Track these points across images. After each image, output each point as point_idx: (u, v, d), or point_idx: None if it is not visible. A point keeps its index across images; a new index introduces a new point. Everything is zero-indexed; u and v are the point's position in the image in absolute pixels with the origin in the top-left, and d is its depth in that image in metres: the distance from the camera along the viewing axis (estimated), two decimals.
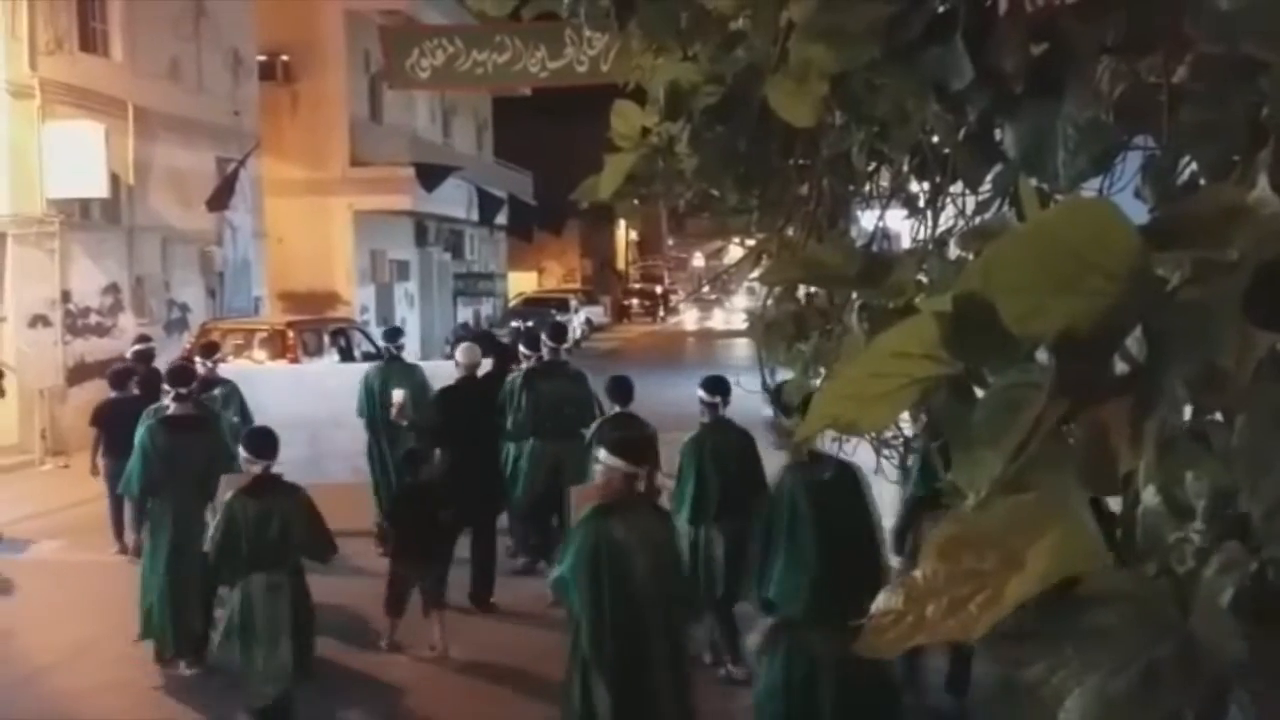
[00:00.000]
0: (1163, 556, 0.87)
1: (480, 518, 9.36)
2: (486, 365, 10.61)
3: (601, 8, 1.94)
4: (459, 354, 10.63)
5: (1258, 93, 1.24)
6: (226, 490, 6.74)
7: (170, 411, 8.17)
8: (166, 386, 8.39)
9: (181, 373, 8.46)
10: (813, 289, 2.68)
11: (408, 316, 30.36)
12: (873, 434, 2.52)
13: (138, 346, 12.72)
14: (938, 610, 0.84)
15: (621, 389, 8.98)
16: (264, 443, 6.73)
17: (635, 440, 5.79)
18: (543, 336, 10.63)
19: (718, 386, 7.79)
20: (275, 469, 6.68)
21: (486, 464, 9.60)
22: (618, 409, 8.91)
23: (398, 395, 10.90)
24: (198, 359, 11.30)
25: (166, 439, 7.90)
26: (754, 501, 6.10)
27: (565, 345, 10.43)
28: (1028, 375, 0.89)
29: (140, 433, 8.11)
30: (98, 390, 17.13)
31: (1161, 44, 1.44)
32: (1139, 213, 1.43)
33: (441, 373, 11.30)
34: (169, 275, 20.83)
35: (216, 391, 10.96)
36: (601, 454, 5.49)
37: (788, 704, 5.12)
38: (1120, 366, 0.89)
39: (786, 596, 5.11)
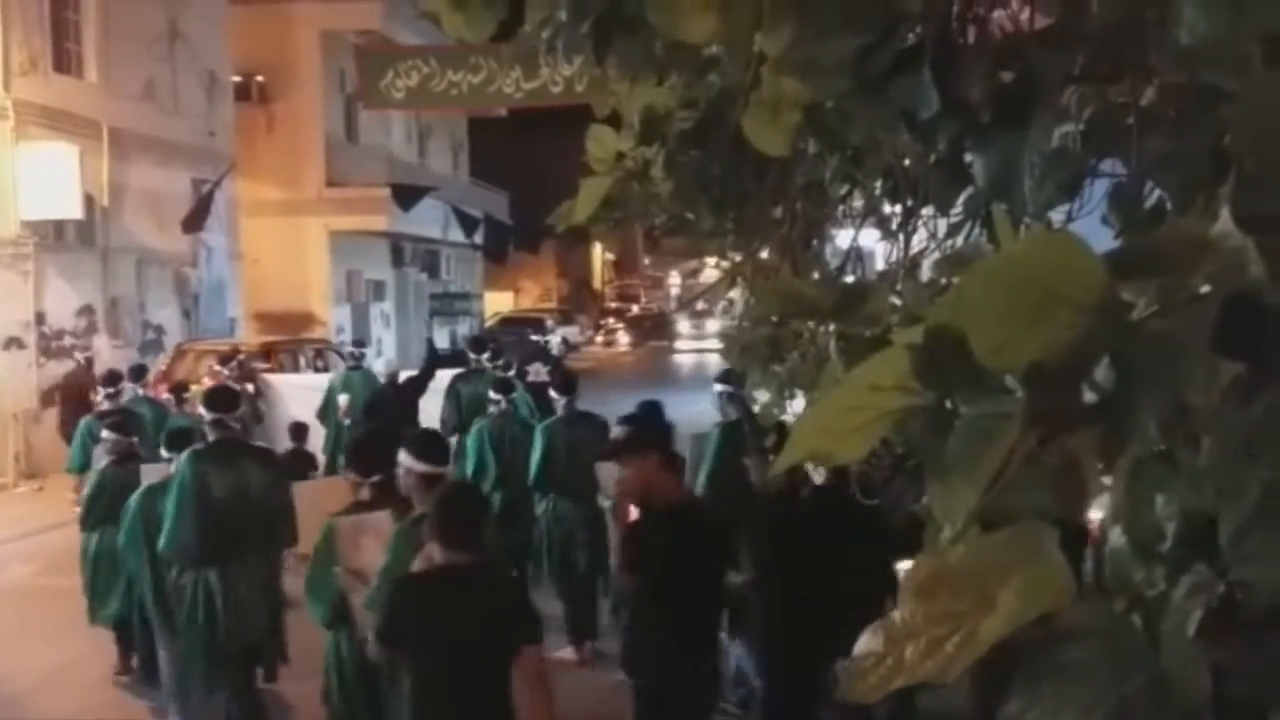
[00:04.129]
0: (1131, 594, 0.89)
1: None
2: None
3: (580, 36, 1.96)
4: (379, 365, 13.30)
5: (1220, 121, 1.27)
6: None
7: (101, 408, 10.47)
8: (100, 387, 11.06)
9: (111, 377, 11.21)
10: None
11: (384, 336, 30.30)
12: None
13: None
14: (916, 651, 0.85)
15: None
16: (126, 424, 8.38)
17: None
18: (466, 349, 13.45)
19: (503, 386, 10.13)
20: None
21: None
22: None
23: (343, 399, 12.79)
24: (219, 367, 14.04)
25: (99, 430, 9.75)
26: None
27: (485, 355, 12.35)
28: (1000, 406, 0.91)
29: (81, 425, 10.43)
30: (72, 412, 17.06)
31: (1127, 73, 1.47)
32: (1105, 238, 1.46)
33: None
34: (144, 297, 20.73)
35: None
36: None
37: (190, 636, 6.58)
38: (1090, 396, 0.91)
39: (173, 547, 6.52)
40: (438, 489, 4.70)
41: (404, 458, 5.08)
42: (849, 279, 2.83)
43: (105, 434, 8.20)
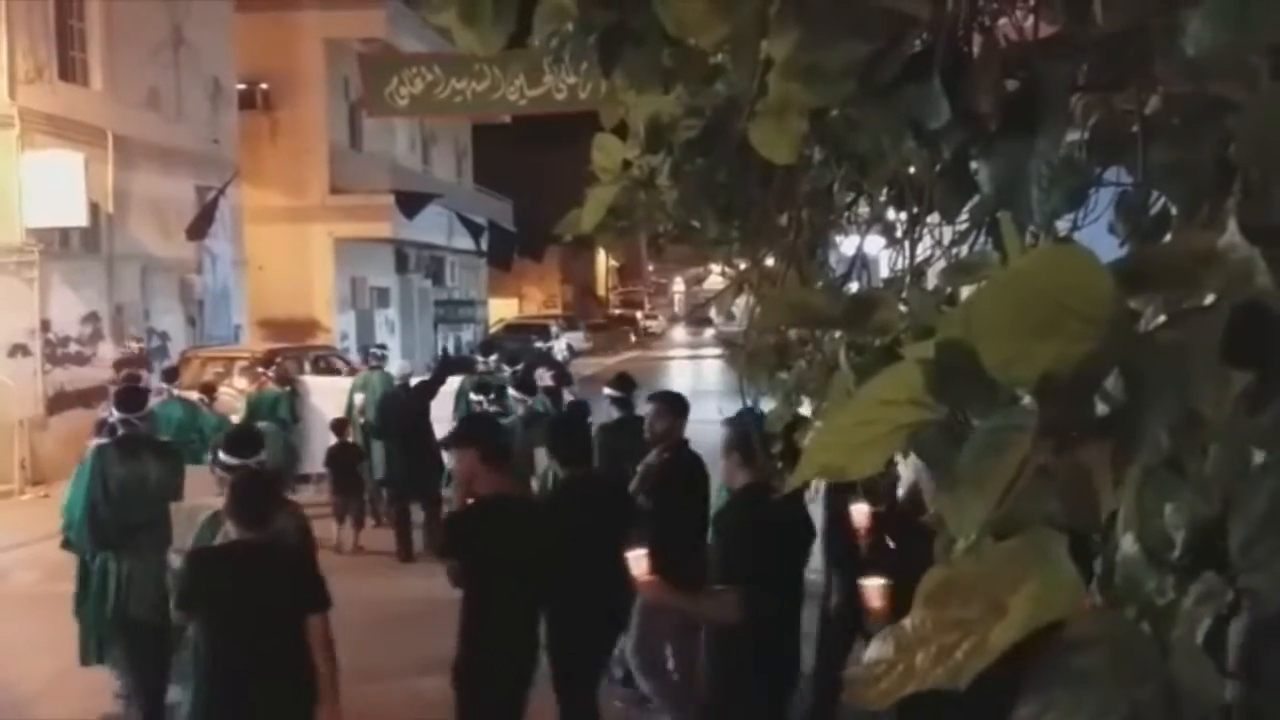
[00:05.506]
0: (1142, 603, 0.89)
1: (423, 490, 12.13)
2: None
3: (587, 48, 1.97)
4: (393, 369, 13.93)
5: (1226, 130, 1.27)
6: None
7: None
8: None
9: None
10: None
11: (388, 343, 30.31)
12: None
13: None
14: (926, 658, 0.86)
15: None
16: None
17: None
18: (477, 355, 15.00)
19: (482, 387, 11.63)
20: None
21: (418, 450, 12.03)
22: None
23: (358, 398, 13.77)
24: (262, 370, 15.57)
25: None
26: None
27: (493, 356, 13.99)
28: (1012, 419, 0.91)
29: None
30: (78, 419, 17.07)
31: (1132, 82, 1.48)
32: (1111, 246, 1.46)
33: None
34: (148, 304, 20.76)
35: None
36: None
37: (94, 607, 7.31)
38: (1101, 408, 0.91)
39: (79, 532, 7.38)
40: (233, 476, 5.42)
41: (219, 452, 6.03)
42: (853, 286, 2.84)
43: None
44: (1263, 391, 0.90)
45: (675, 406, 7.24)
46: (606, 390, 9.23)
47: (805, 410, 2.72)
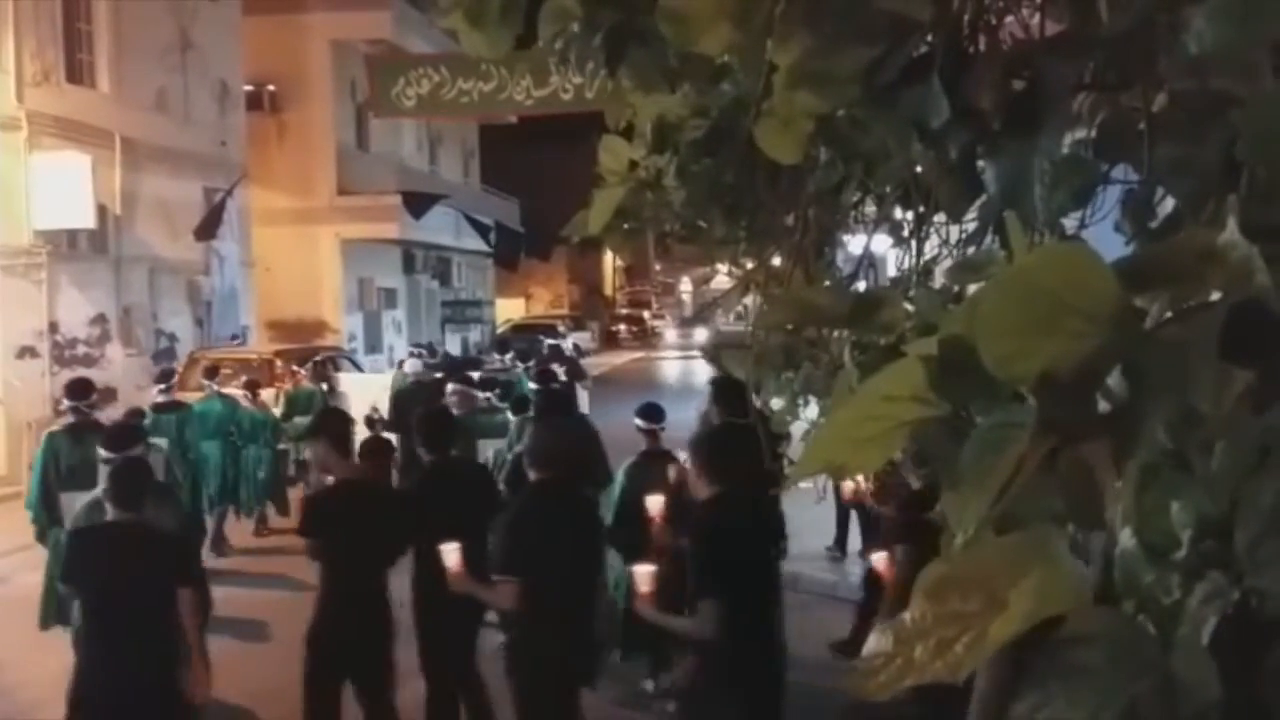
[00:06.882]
0: (1140, 597, 0.89)
1: None
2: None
3: (593, 48, 1.97)
4: (407, 366, 14.82)
5: (1231, 127, 1.27)
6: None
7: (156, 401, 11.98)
8: (155, 384, 12.55)
9: (164, 375, 12.70)
10: None
11: (395, 344, 30.36)
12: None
13: None
14: (925, 651, 0.86)
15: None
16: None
17: None
18: (494, 354, 16.24)
19: (487, 385, 12.04)
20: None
21: None
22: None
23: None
24: (298, 367, 16.46)
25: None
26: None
27: (509, 354, 15.76)
28: (1013, 416, 0.92)
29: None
30: None
31: (1138, 80, 1.47)
32: (1117, 245, 1.46)
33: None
34: (156, 305, 20.81)
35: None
36: None
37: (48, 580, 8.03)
38: (1103, 406, 0.91)
39: (32, 509, 8.18)
40: (113, 464, 6.05)
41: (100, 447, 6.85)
42: (861, 285, 2.84)
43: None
44: (1266, 389, 0.90)
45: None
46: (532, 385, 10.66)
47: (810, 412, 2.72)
